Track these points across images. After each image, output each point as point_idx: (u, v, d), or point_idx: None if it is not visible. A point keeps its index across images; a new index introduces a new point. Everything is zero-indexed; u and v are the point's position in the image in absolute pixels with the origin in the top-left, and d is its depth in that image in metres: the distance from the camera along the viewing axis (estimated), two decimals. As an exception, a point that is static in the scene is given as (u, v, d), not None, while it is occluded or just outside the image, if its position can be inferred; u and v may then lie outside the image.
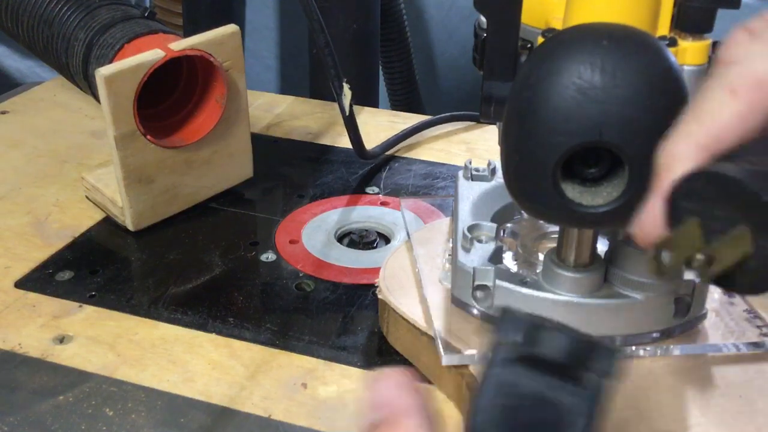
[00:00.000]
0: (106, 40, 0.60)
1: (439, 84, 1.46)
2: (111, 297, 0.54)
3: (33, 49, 0.68)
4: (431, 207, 0.63)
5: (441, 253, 0.52)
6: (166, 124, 0.61)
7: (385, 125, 0.78)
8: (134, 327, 0.52)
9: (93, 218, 0.63)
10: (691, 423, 0.42)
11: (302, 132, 0.78)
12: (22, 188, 0.67)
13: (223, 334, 0.51)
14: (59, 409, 0.45)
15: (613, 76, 0.34)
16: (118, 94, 0.54)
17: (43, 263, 0.58)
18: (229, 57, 0.59)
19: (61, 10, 0.63)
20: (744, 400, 0.43)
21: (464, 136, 0.77)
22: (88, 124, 0.78)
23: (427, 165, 0.72)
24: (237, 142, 0.64)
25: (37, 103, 0.82)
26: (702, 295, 0.46)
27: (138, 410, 0.45)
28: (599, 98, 0.34)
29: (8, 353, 0.49)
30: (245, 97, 0.63)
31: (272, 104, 0.83)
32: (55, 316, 0.53)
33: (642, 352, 0.46)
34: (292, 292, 0.55)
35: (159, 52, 0.55)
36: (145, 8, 0.65)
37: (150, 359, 0.49)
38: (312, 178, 0.70)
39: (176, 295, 0.55)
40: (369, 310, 0.53)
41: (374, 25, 1.01)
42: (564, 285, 0.45)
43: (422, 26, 1.41)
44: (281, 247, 0.60)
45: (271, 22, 1.47)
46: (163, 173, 0.60)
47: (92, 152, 0.73)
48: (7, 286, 0.55)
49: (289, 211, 0.64)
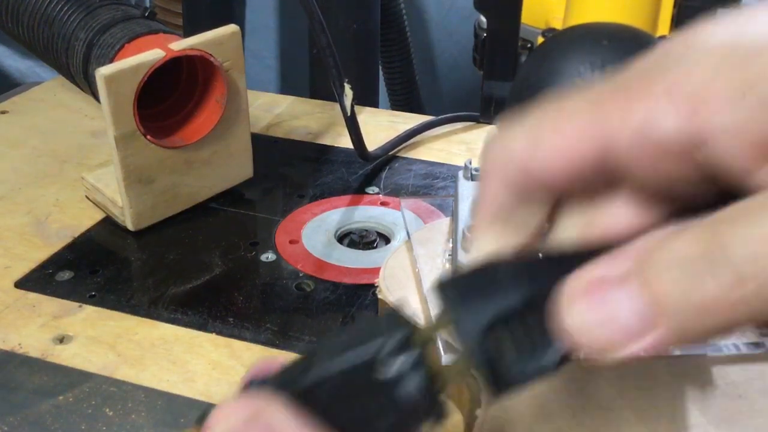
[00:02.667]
0: (107, 40, 0.60)
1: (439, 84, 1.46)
2: (111, 297, 0.54)
3: (33, 49, 0.68)
4: (431, 207, 0.63)
5: (441, 253, 0.52)
6: (166, 124, 0.61)
7: (385, 125, 0.78)
8: (134, 327, 0.52)
9: (93, 218, 0.63)
10: (691, 423, 0.42)
11: (302, 132, 0.78)
12: (22, 188, 0.67)
13: (223, 334, 0.51)
14: (59, 409, 0.45)
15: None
16: (118, 94, 0.54)
17: (43, 263, 0.58)
18: (229, 57, 0.59)
19: (62, 10, 0.63)
20: (744, 400, 0.43)
21: (464, 136, 0.77)
22: (88, 124, 0.78)
23: (427, 165, 0.72)
24: (237, 142, 0.64)
25: (37, 103, 0.82)
26: (702, 295, 0.46)
27: (138, 410, 0.45)
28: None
29: (8, 353, 0.49)
30: (245, 97, 0.63)
31: (272, 104, 0.83)
32: (55, 316, 0.53)
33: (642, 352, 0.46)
34: (292, 292, 0.55)
35: (159, 52, 0.55)
36: (145, 8, 0.65)
37: (150, 359, 0.49)
38: (312, 178, 0.70)
39: (176, 295, 0.55)
40: (369, 310, 0.53)
41: (374, 25, 1.01)
42: (564, 285, 0.45)
43: (422, 26, 1.41)
44: (281, 247, 0.60)
45: (271, 22, 1.47)
46: (163, 173, 0.60)
47: (92, 152, 0.73)
48: (7, 286, 0.55)
49: (289, 211, 0.64)
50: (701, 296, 0.20)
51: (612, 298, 0.21)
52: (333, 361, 0.23)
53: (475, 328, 0.23)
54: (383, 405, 0.23)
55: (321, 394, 0.23)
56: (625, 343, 0.21)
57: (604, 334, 0.21)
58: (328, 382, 0.23)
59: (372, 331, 0.24)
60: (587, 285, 0.21)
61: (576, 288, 0.22)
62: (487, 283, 0.23)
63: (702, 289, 0.19)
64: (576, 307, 0.21)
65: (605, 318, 0.21)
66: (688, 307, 0.20)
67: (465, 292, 0.24)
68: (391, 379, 0.23)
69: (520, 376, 0.23)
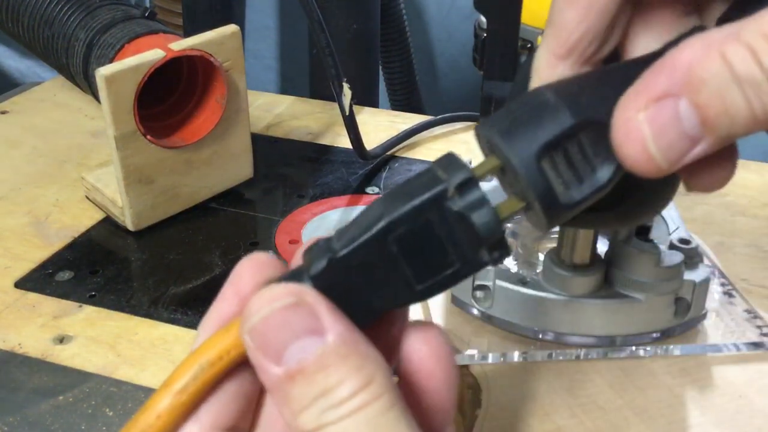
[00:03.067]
0: (107, 40, 0.60)
1: (439, 84, 1.46)
2: (111, 297, 0.54)
3: (33, 49, 0.68)
4: (431, 207, 0.63)
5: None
6: (166, 124, 0.61)
7: (385, 125, 0.78)
8: (134, 327, 0.52)
9: (93, 218, 0.63)
10: (691, 423, 0.42)
11: (302, 132, 0.78)
12: (22, 188, 0.67)
13: (223, 334, 0.51)
14: (59, 409, 0.45)
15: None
16: (118, 94, 0.54)
17: (43, 263, 0.58)
18: (229, 57, 0.59)
19: (62, 10, 0.63)
20: (744, 400, 0.43)
21: (464, 136, 0.77)
22: (88, 124, 0.78)
23: (427, 165, 0.72)
24: (237, 142, 0.64)
25: (37, 103, 0.82)
26: (702, 295, 0.46)
27: (138, 410, 0.45)
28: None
29: (8, 353, 0.49)
30: (245, 97, 0.63)
31: (272, 104, 0.83)
32: (55, 316, 0.53)
33: (642, 352, 0.46)
34: (292, 292, 0.55)
35: (159, 52, 0.55)
36: (146, 8, 0.65)
37: (150, 359, 0.49)
38: (312, 178, 0.70)
39: (176, 295, 0.55)
40: (369, 310, 0.53)
41: (374, 25, 1.01)
42: (564, 285, 0.45)
43: (422, 26, 1.41)
44: (281, 247, 0.60)
45: (271, 22, 1.47)
46: (163, 173, 0.60)
47: (92, 152, 0.73)
48: (7, 286, 0.55)
49: (289, 211, 0.64)
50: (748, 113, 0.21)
51: (665, 114, 0.22)
52: (399, 204, 0.23)
53: (529, 155, 0.23)
54: (455, 241, 0.23)
55: (389, 240, 0.23)
56: (676, 154, 0.22)
57: (657, 146, 0.22)
58: (395, 224, 0.23)
59: (430, 177, 0.24)
60: (641, 101, 0.22)
61: (635, 110, 0.23)
62: (535, 111, 0.24)
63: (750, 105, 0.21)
64: (631, 123, 0.23)
65: (659, 132, 0.22)
66: (735, 121, 0.21)
67: (513, 123, 0.24)
68: (461, 213, 0.23)
69: (577, 197, 0.24)
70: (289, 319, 0.23)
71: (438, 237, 0.23)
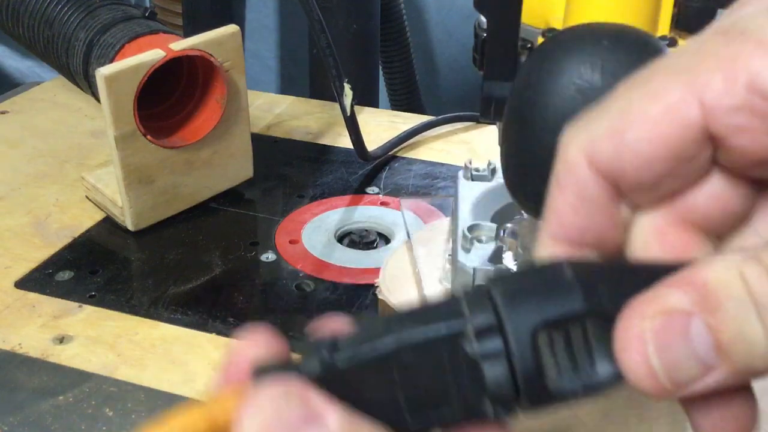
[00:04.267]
0: (107, 40, 0.60)
1: (439, 84, 1.46)
2: (111, 297, 0.54)
3: (33, 49, 0.68)
4: (431, 207, 0.63)
5: (441, 254, 0.52)
6: (166, 124, 0.61)
7: (385, 125, 0.78)
8: (134, 327, 0.52)
9: (93, 218, 0.63)
10: (691, 423, 0.42)
11: (302, 132, 0.78)
12: (22, 188, 0.67)
13: (223, 334, 0.51)
14: (59, 409, 0.45)
15: (613, 76, 0.34)
16: (118, 94, 0.54)
17: (43, 263, 0.58)
18: (229, 57, 0.59)
19: (62, 10, 0.63)
20: (744, 400, 0.43)
21: (464, 136, 0.77)
22: (88, 124, 0.78)
23: (427, 165, 0.72)
24: (237, 142, 0.64)
25: (37, 103, 0.82)
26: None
27: (138, 410, 0.45)
28: (599, 98, 0.34)
29: (8, 353, 0.49)
30: (245, 97, 0.63)
31: (272, 104, 0.83)
32: (55, 316, 0.53)
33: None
34: (292, 292, 0.55)
35: (159, 52, 0.55)
36: (146, 8, 0.65)
37: (150, 359, 0.49)
38: (312, 178, 0.70)
39: (176, 295, 0.55)
40: (369, 310, 0.53)
41: (374, 25, 1.01)
42: (564, 285, 0.45)
43: (422, 26, 1.41)
44: (281, 247, 0.60)
45: (271, 22, 1.47)
46: (163, 173, 0.60)
47: (92, 152, 0.73)
48: (7, 286, 0.55)
49: (289, 211, 0.64)
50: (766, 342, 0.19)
51: (677, 339, 0.20)
52: (413, 329, 0.22)
53: (526, 328, 0.21)
54: (460, 380, 0.22)
55: (391, 364, 0.22)
56: (684, 377, 0.20)
57: (660, 362, 0.20)
58: (404, 350, 0.22)
59: (453, 310, 0.22)
60: (649, 309, 0.20)
61: (641, 318, 0.20)
62: (548, 283, 0.22)
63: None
64: (635, 330, 0.20)
65: (663, 346, 0.20)
66: (752, 351, 0.19)
67: (519, 291, 0.22)
68: (474, 360, 0.21)
69: (568, 386, 0.21)
70: (282, 414, 0.21)
71: (443, 369, 0.22)
